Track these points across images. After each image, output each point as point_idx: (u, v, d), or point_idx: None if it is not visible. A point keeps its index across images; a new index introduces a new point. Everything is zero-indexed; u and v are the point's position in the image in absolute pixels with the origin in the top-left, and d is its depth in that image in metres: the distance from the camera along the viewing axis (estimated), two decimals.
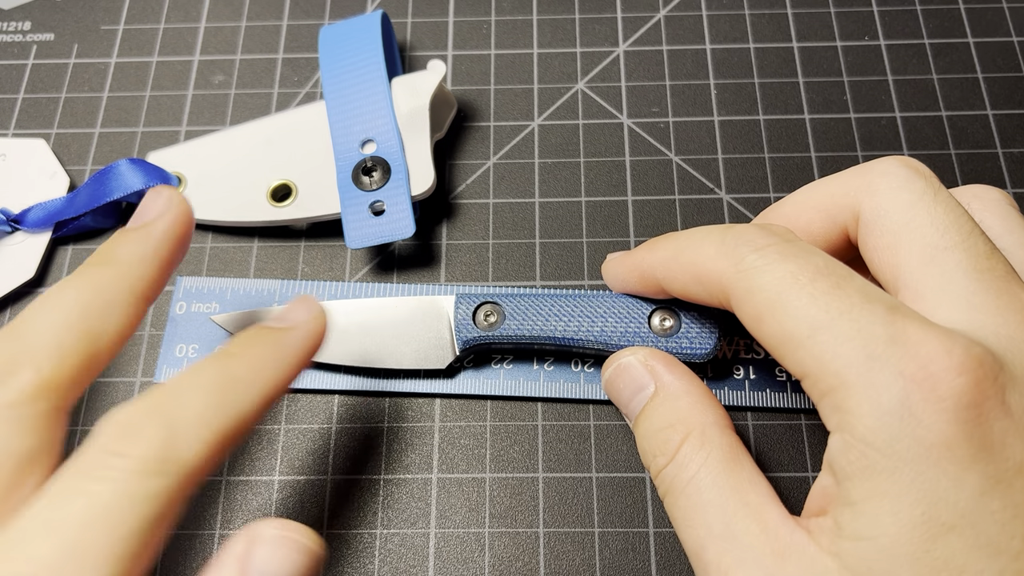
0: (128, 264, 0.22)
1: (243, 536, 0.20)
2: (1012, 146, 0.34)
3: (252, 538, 0.20)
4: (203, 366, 0.21)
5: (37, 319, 0.21)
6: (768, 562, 0.20)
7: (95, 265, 0.22)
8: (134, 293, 0.22)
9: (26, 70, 0.37)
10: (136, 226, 0.24)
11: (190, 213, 0.24)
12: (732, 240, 0.22)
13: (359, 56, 0.33)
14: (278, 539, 0.20)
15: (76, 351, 0.21)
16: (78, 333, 0.21)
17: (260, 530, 0.20)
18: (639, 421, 0.25)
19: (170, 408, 0.20)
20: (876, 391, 0.18)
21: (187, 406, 0.20)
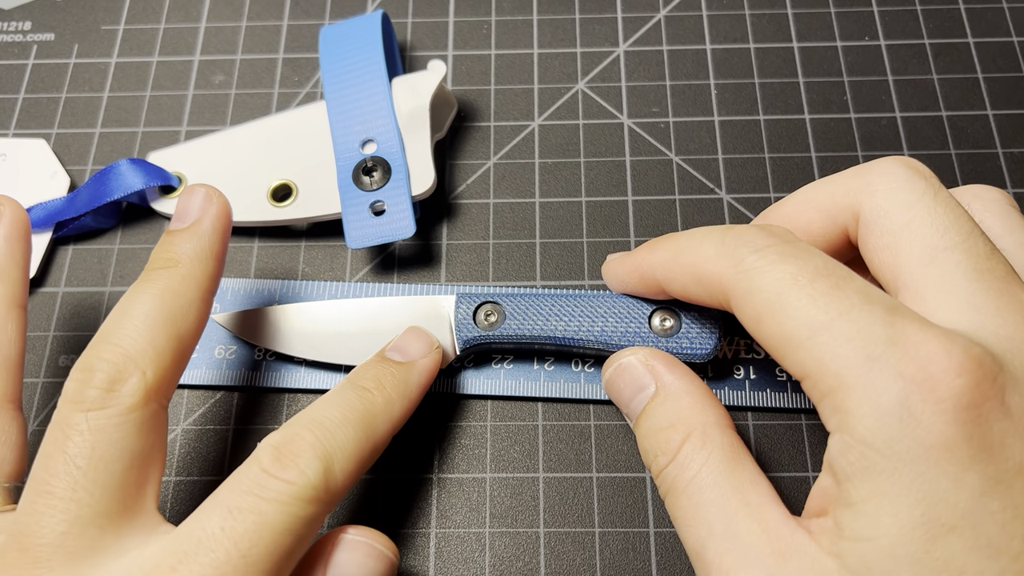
0: (191, 263, 0.24)
1: (326, 539, 0.22)
2: (1012, 146, 0.34)
3: (334, 542, 0.22)
4: (347, 399, 0.24)
5: (127, 325, 0.23)
6: (769, 562, 0.20)
7: (162, 268, 0.24)
8: (202, 289, 0.24)
9: (26, 70, 0.37)
10: (184, 226, 0.25)
11: (228, 204, 0.26)
12: (732, 241, 0.22)
13: (359, 56, 0.33)
14: (357, 544, 0.22)
15: (170, 352, 0.23)
16: (168, 335, 0.23)
17: (341, 534, 0.22)
18: (640, 421, 0.25)
19: (327, 441, 0.22)
20: (876, 392, 0.18)
21: (340, 440, 0.22)
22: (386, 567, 0.23)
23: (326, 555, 0.22)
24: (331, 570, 0.22)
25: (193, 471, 0.29)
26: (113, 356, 0.22)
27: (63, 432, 0.21)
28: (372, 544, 0.23)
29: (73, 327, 0.32)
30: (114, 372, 0.22)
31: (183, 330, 0.23)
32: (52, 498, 0.21)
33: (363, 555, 0.22)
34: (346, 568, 0.22)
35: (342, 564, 0.22)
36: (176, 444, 0.30)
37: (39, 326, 0.32)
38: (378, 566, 0.22)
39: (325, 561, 0.22)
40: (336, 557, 0.22)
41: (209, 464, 0.29)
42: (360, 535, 0.23)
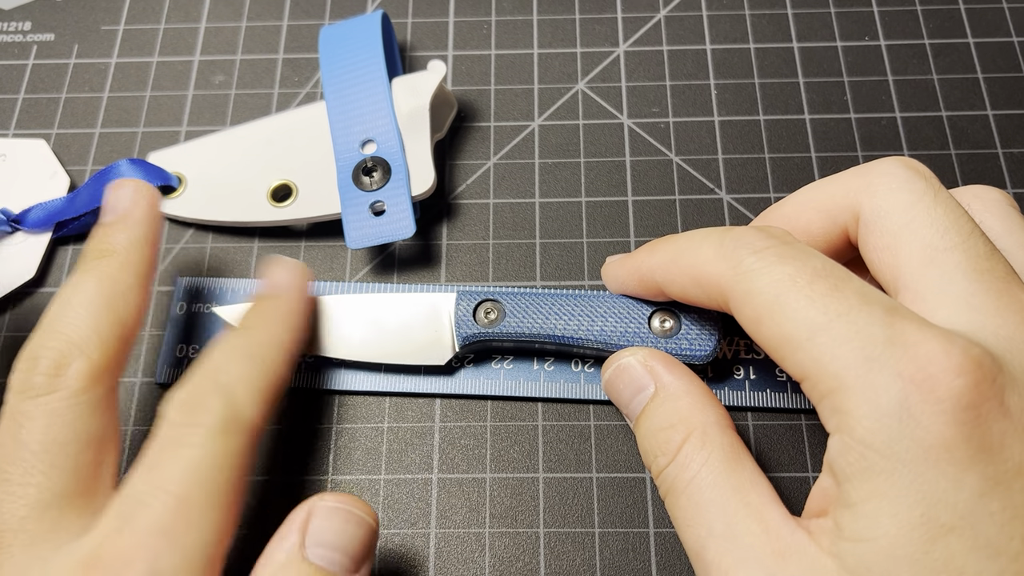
0: (126, 251, 0.25)
1: (302, 508, 0.22)
2: (1012, 146, 0.34)
3: (310, 509, 0.22)
4: (232, 340, 0.25)
5: (70, 313, 0.24)
6: (769, 562, 0.20)
7: (97, 258, 0.25)
8: (139, 275, 0.25)
9: (26, 70, 0.37)
10: (115, 219, 0.26)
11: (157, 195, 0.27)
12: (731, 243, 0.22)
13: (359, 56, 0.33)
14: (334, 510, 0.22)
15: (113, 335, 0.24)
16: (110, 320, 0.24)
17: (316, 502, 0.22)
18: (640, 421, 0.25)
19: (222, 379, 0.23)
20: (875, 393, 0.18)
21: (234, 374, 0.23)
22: (366, 532, 0.22)
23: (303, 523, 0.22)
24: (309, 538, 0.22)
25: None
26: (56, 343, 0.23)
27: (14, 420, 0.22)
28: (350, 510, 0.22)
29: None
30: (58, 357, 0.22)
31: (124, 315, 0.24)
32: (9, 484, 0.21)
33: (342, 521, 0.22)
34: (324, 535, 0.22)
35: (320, 531, 0.22)
36: None
37: None
38: (358, 532, 0.22)
39: (302, 529, 0.22)
40: (313, 524, 0.22)
41: None
42: (338, 501, 0.22)
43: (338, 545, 0.22)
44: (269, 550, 0.22)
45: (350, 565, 0.22)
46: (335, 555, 0.22)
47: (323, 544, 0.22)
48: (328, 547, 0.22)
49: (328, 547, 0.22)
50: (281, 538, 0.22)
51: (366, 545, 0.23)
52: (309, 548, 0.21)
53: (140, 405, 0.30)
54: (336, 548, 0.22)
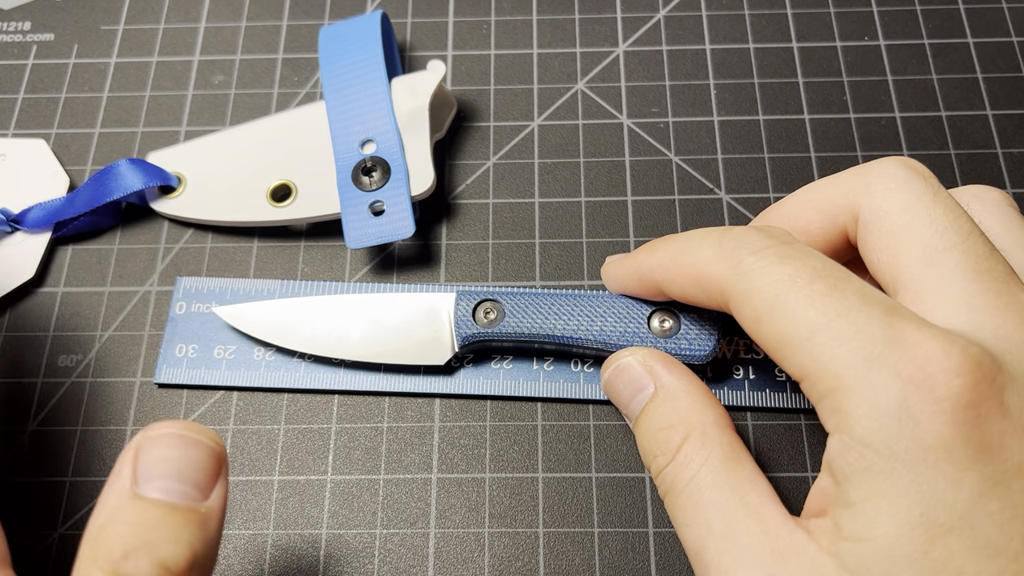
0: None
1: (132, 443, 0.20)
2: (1012, 146, 0.34)
3: (140, 442, 0.19)
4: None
5: None
6: (768, 562, 0.20)
7: None
8: None
9: (26, 70, 0.37)
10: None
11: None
12: (730, 242, 0.22)
13: (359, 56, 0.33)
14: (163, 439, 0.19)
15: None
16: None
17: (148, 432, 0.20)
18: (639, 421, 0.25)
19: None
20: (874, 392, 0.18)
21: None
22: (206, 455, 0.20)
23: (132, 460, 0.19)
24: (140, 473, 0.19)
25: None
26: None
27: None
28: (183, 434, 0.20)
29: (73, 327, 0.32)
30: None
31: None
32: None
33: (175, 448, 0.19)
34: (158, 466, 0.19)
35: (153, 463, 0.19)
36: None
37: (39, 326, 0.32)
38: (198, 454, 0.20)
39: (132, 465, 0.19)
40: (143, 458, 0.19)
41: None
42: (167, 428, 0.20)
43: (177, 474, 0.19)
44: (100, 499, 0.19)
45: (195, 493, 0.19)
46: (177, 485, 0.19)
47: (159, 476, 0.19)
48: (166, 478, 0.19)
49: (166, 478, 0.19)
50: (111, 480, 0.19)
51: (211, 470, 0.20)
52: (142, 483, 0.19)
53: (139, 405, 0.30)
54: (176, 478, 0.19)
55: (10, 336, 0.32)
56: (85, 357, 0.31)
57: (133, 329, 0.31)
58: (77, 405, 0.30)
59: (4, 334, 0.32)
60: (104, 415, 0.30)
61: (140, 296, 0.32)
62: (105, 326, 0.32)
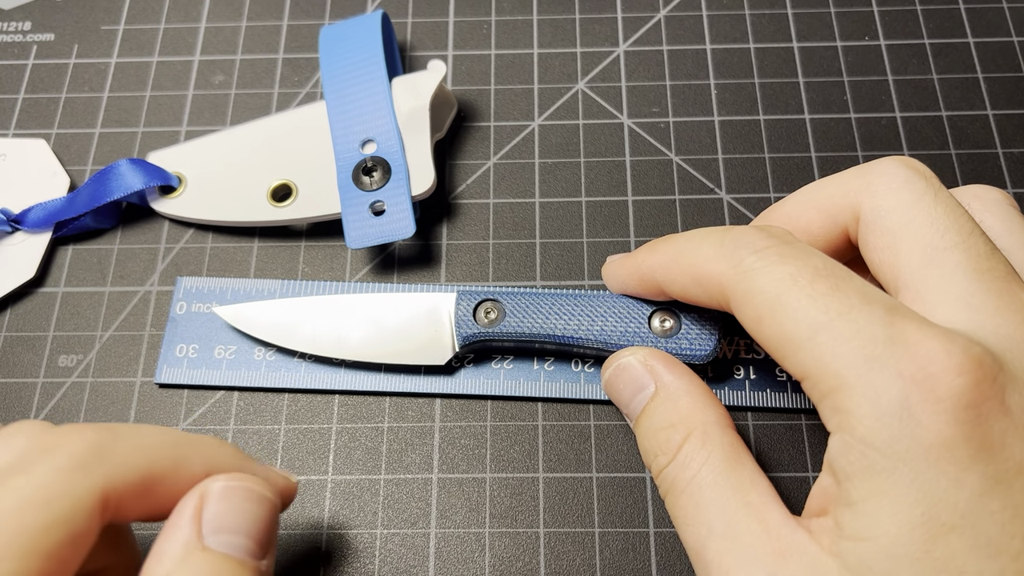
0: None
1: (194, 493, 0.20)
2: (1012, 146, 0.34)
3: (202, 494, 0.20)
4: (173, 428, 0.21)
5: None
6: (769, 562, 0.20)
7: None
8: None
9: (26, 70, 0.37)
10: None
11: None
12: (731, 242, 0.22)
13: (359, 56, 0.33)
14: (230, 491, 0.20)
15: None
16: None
17: (209, 484, 0.20)
18: (640, 421, 0.25)
19: (118, 428, 0.20)
20: (875, 392, 0.18)
21: (134, 432, 0.20)
22: (268, 509, 0.20)
23: (196, 510, 0.19)
24: (206, 525, 0.19)
25: None
26: None
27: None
28: (248, 487, 0.20)
29: (73, 327, 0.32)
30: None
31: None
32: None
33: (241, 500, 0.20)
34: (223, 519, 0.19)
35: (218, 515, 0.19)
36: None
37: (39, 326, 0.32)
38: (259, 510, 0.20)
39: (196, 516, 0.19)
40: (209, 509, 0.19)
41: None
42: (233, 480, 0.20)
43: (240, 528, 0.19)
44: (160, 543, 0.19)
45: (256, 548, 0.20)
46: (239, 539, 0.19)
47: (223, 529, 0.19)
48: (229, 532, 0.19)
49: (229, 532, 0.19)
50: (174, 527, 0.19)
51: (269, 524, 0.20)
52: (208, 536, 0.19)
53: (139, 405, 0.30)
54: (238, 531, 0.19)
55: (10, 336, 0.32)
56: (85, 357, 0.31)
57: (133, 329, 0.31)
58: (77, 405, 0.30)
59: (4, 334, 0.32)
60: (104, 415, 0.30)
61: (140, 296, 0.32)
62: (105, 326, 0.32)
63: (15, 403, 0.30)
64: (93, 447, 0.19)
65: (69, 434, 0.19)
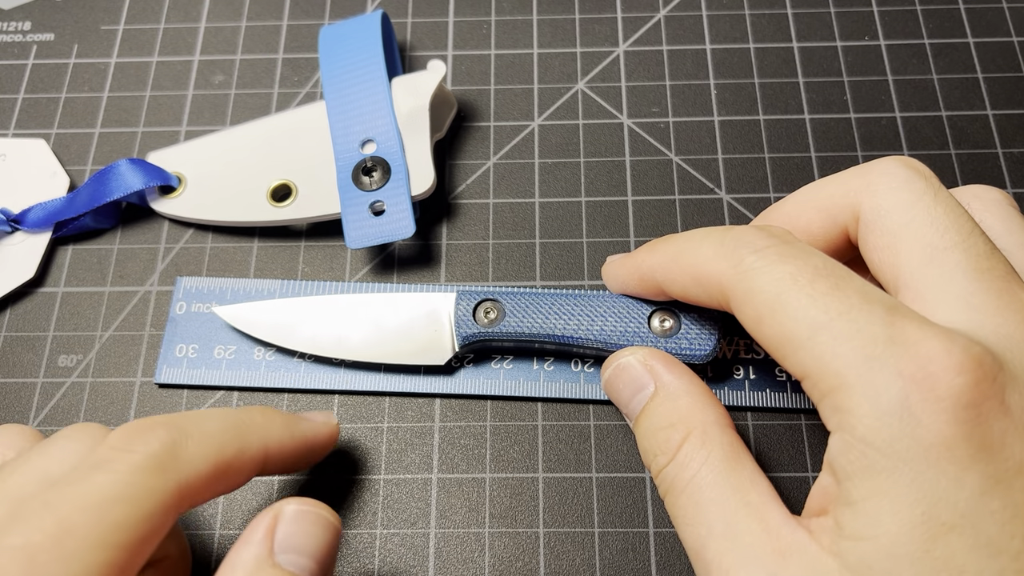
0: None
1: (267, 513, 0.22)
2: (1012, 146, 0.34)
3: (276, 514, 0.22)
4: (226, 409, 0.24)
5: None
6: (769, 561, 0.20)
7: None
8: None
9: (26, 70, 0.37)
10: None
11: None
12: (731, 242, 0.22)
13: (359, 56, 0.33)
14: (301, 514, 0.22)
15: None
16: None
17: (283, 506, 0.22)
18: (640, 421, 0.25)
19: (183, 423, 0.22)
20: (876, 391, 0.18)
21: (200, 426, 0.22)
22: (332, 535, 0.22)
23: (270, 528, 0.21)
24: (278, 543, 0.21)
25: None
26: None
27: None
28: (318, 513, 0.22)
29: (73, 327, 0.32)
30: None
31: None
32: None
33: (310, 524, 0.22)
34: (293, 539, 0.21)
35: (289, 536, 0.21)
36: None
37: (39, 326, 0.32)
38: (325, 535, 0.22)
39: (270, 534, 0.21)
40: (282, 529, 0.21)
41: None
42: (304, 505, 0.22)
43: (307, 550, 0.21)
44: (235, 555, 0.21)
45: (317, 570, 0.21)
46: (304, 560, 0.21)
47: (292, 549, 0.21)
48: (297, 552, 0.21)
49: (297, 552, 0.21)
50: (248, 543, 0.21)
51: (332, 549, 0.22)
52: (279, 554, 0.21)
53: (139, 405, 0.30)
54: (305, 553, 0.21)
55: (10, 336, 0.32)
56: (85, 357, 0.31)
57: (133, 329, 0.31)
58: (77, 405, 0.30)
59: (4, 334, 0.32)
60: (104, 415, 0.30)
61: (140, 296, 0.32)
62: (105, 326, 0.32)
63: (15, 403, 0.30)
64: (168, 448, 0.21)
65: (144, 434, 0.21)
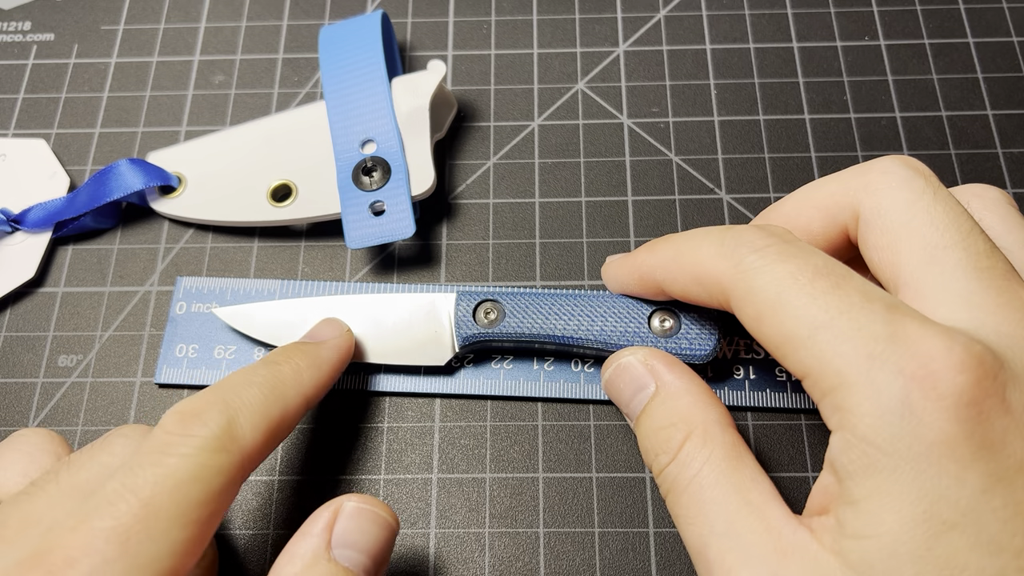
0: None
1: (328, 508, 0.22)
2: (1012, 146, 0.34)
3: (336, 510, 0.22)
4: (254, 369, 0.25)
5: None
6: (771, 560, 0.20)
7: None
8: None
9: (26, 70, 0.37)
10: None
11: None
12: (731, 241, 0.22)
13: (359, 56, 0.33)
14: (359, 511, 0.22)
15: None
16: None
17: (343, 502, 0.23)
18: (640, 420, 0.25)
19: (230, 399, 0.23)
20: (877, 390, 0.18)
21: (244, 398, 0.23)
22: (389, 534, 0.23)
23: (329, 523, 0.22)
24: (335, 538, 0.22)
25: None
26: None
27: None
28: (376, 511, 0.23)
29: (73, 327, 0.32)
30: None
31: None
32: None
33: (367, 522, 0.22)
34: (351, 535, 0.22)
35: (347, 532, 0.22)
36: None
37: (39, 326, 0.32)
38: (381, 533, 0.22)
39: (328, 528, 0.22)
40: (340, 525, 0.22)
41: None
42: (364, 503, 0.23)
43: (363, 546, 0.22)
44: (294, 546, 0.22)
45: (371, 567, 0.22)
46: (359, 556, 0.22)
47: (348, 545, 0.22)
48: (353, 548, 0.22)
49: (353, 548, 0.22)
50: (307, 535, 0.22)
51: (387, 547, 0.23)
52: (335, 549, 0.22)
53: (139, 405, 0.30)
54: (361, 549, 0.22)
55: (10, 336, 0.32)
56: (85, 357, 0.31)
57: (133, 329, 0.31)
58: (77, 405, 0.30)
59: (4, 334, 0.32)
60: (104, 415, 0.30)
61: (140, 296, 0.32)
62: (105, 326, 0.32)
63: (15, 403, 0.30)
64: (225, 429, 0.22)
65: (201, 417, 0.22)
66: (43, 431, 0.24)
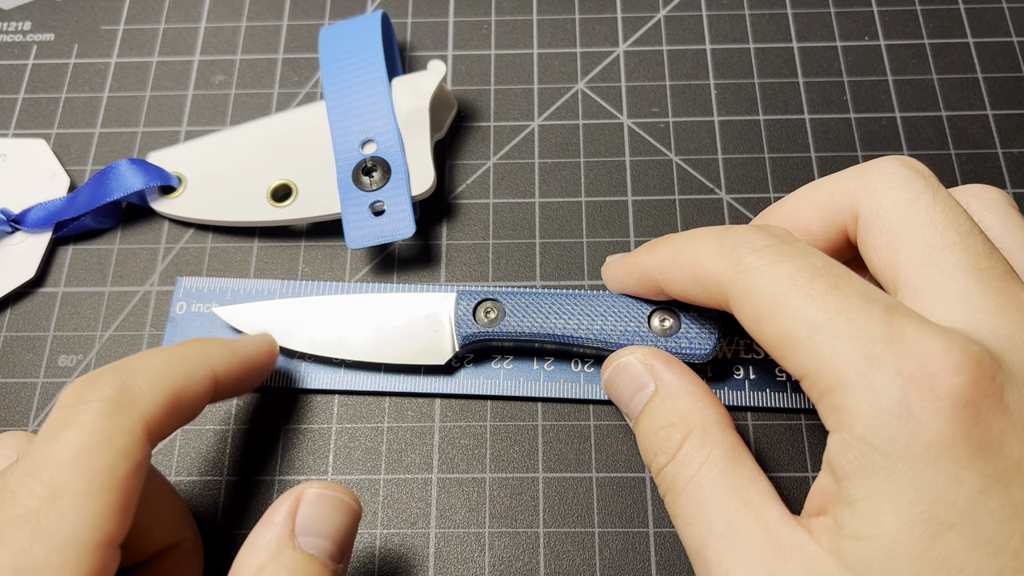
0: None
1: (289, 495, 0.22)
2: (1012, 146, 0.34)
3: (297, 497, 0.22)
4: (159, 347, 0.25)
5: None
6: (769, 561, 0.20)
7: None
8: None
9: (26, 70, 0.37)
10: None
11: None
12: (731, 241, 0.22)
13: (359, 56, 0.33)
14: (321, 498, 0.22)
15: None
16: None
17: (304, 489, 0.22)
18: (640, 420, 0.25)
19: (126, 364, 0.23)
20: (874, 390, 0.18)
21: (142, 362, 0.23)
22: (352, 519, 0.23)
23: (291, 510, 0.22)
24: (299, 526, 0.22)
25: (193, 471, 0.29)
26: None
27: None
28: (338, 497, 0.23)
29: (73, 327, 0.32)
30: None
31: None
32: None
33: (330, 508, 0.22)
34: (314, 523, 0.22)
35: (310, 519, 0.22)
36: (176, 444, 0.30)
37: (39, 326, 0.32)
38: (345, 519, 0.23)
39: (291, 516, 0.22)
40: (302, 512, 0.22)
41: (209, 464, 0.29)
42: (325, 489, 0.23)
43: (326, 533, 0.22)
44: (257, 537, 0.22)
45: (336, 553, 0.22)
46: (324, 543, 0.22)
47: (312, 532, 0.22)
48: (317, 535, 0.22)
49: (317, 535, 0.22)
50: (270, 525, 0.22)
51: (351, 532, 0.23)
52: (299, 536, 0.22)
53: None
54: (325, 536, 0.22)
55: (10, 336, 0.32)
56: (85, 357, 0.31)
57: (133, 329, 0.31)
58: None
59: (4, 334, 0.32)
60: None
61: (140, 296, 0.32)
62: (105, 326, 0.32)
63: (15, 403, 0.30)
64: (121, 390, 0.22)
65: (94, 383, 0.22)
66: (20, 433, 0.24)
